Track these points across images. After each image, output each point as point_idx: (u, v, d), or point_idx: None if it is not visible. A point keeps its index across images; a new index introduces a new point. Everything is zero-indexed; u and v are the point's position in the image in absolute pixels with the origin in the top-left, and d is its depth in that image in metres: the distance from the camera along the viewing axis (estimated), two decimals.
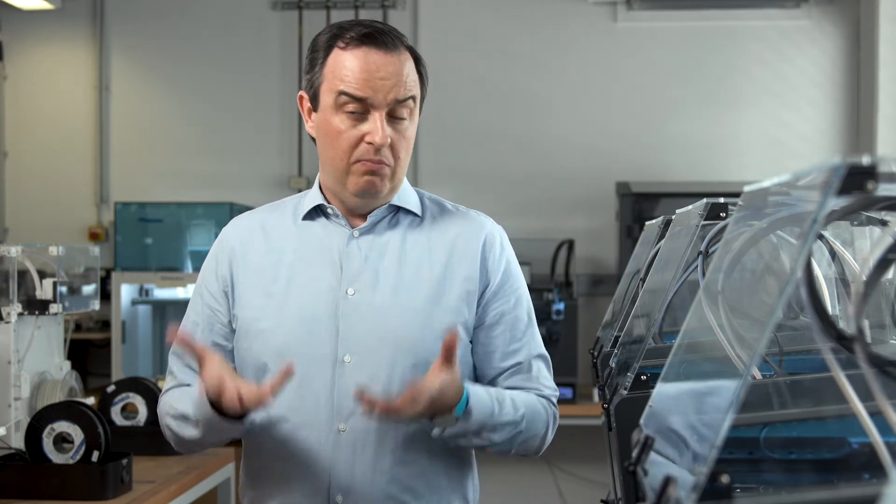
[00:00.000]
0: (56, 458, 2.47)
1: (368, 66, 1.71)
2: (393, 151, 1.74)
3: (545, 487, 5.09)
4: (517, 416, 1.75)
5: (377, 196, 1.78)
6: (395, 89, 1.71)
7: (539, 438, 1.82)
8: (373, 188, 1.75)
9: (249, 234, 1.86)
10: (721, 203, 1.50)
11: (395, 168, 1.76)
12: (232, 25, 5.45)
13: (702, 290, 1.20)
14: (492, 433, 1.72)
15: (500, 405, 1.73)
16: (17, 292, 2.70)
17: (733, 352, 0.99)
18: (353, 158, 1.73)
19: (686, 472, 0.86)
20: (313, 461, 1.75)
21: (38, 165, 5.54)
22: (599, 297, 5.16)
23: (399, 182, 1.80)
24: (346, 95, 1.71)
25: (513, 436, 1.76)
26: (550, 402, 1.86)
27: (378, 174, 1.74)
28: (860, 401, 0.84)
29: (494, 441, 1.74)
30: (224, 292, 1.83)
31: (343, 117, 1.73)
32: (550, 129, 5.30)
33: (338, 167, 1.76)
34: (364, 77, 1.71)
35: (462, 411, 1.67)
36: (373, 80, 1.71)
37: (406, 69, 1.74)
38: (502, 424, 1.73)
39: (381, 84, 1.71)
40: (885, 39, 4.84)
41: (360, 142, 1.72)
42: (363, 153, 1.72)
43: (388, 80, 1.71)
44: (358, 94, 1.71)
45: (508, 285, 1.84)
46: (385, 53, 1.72)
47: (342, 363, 1.74)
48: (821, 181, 0.80)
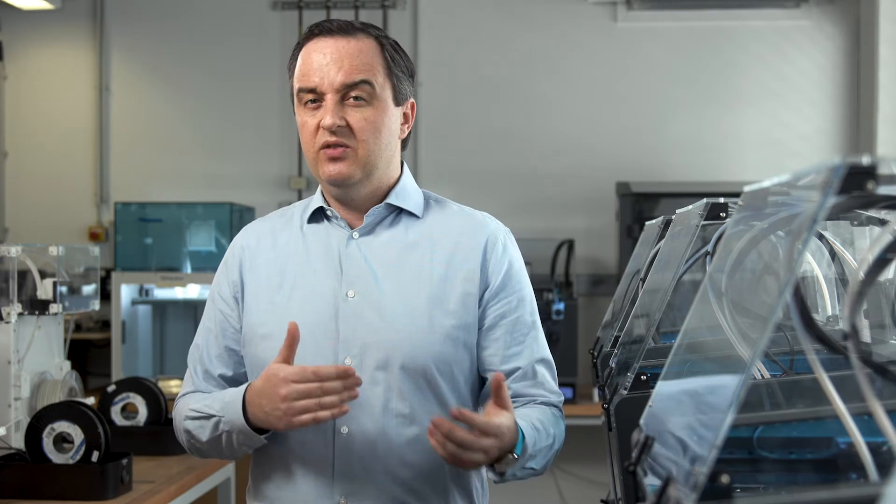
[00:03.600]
0: (56, 458, 2.47)
1: (316, 55, 1.75)
2: (355, 133, 1.74)
3: (545, 487, 5.09)
4: (550, 438, 1.75)
5: (348, 182, 1.77)
6: (342, 72, 1.73)
7: (557, 451, 1.82)
8: (339, 174, 1.75)
9: (259, 240, 1.88)
10: (721, 203, 1.50)
11: (360, 150, 1.75)
12: (232, 25, 5.45)
13: (708, 289, 1.20)
14: (533, 461, 1.72)
15: (537, 431, 1.72)
16: (17, 292, 2.70)
17: (741, 351, 0.99)
18: (315, 147, 1.76)
19: (686, 472, 0.86)
20: (316, 463, 1.75)
21: (38, 165, 5.54)
22: (599, 297, 5.16)
23: (375, 168, 1.78)
24: (301, 91, 1.76)
25: (548, 459, 1.76)
26: (560, 410, 1.86)
27: (340, 159, 1.75)
28: (849, 401, 0.85)
29: (534, 468, 1.73)
30: (235, 298, 1.85)
31: (305, 110, 1.77)
32: (550, 129, 5.30)
33: (310, 160, 1.80)
34: (312, 66, 1.75)
35: (520, 450, 1.64)
36: (319, 67, 1.74)
37: (359, 52, 1.75)
38: (539, 450, 1.72)
39: (326, 69, 1.74)
40: (885, 39, 4.84)
41: (318, 129, 1.75)
42: (321, 139, 1.75)
43: (334, 63, 1.74)
44: (309, 85, 1.74)
45: (510, 287, 1.82)
46: (333, 39, 1.76)
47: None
48: (821, 181, 0.80)
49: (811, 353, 0.87)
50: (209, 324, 1.87)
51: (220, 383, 1.85)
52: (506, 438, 1.60)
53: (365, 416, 1.73)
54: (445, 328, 1.76)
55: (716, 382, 1.00)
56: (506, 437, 1.60)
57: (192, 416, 1.79)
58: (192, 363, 1.88)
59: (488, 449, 1.57)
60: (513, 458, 1.64)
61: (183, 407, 1.83)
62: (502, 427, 1.59)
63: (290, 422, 1.61)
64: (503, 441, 1.59)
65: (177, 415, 1.86)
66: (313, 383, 1.59)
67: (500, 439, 1.58)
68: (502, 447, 1.60)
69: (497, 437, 1.58)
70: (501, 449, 1.60)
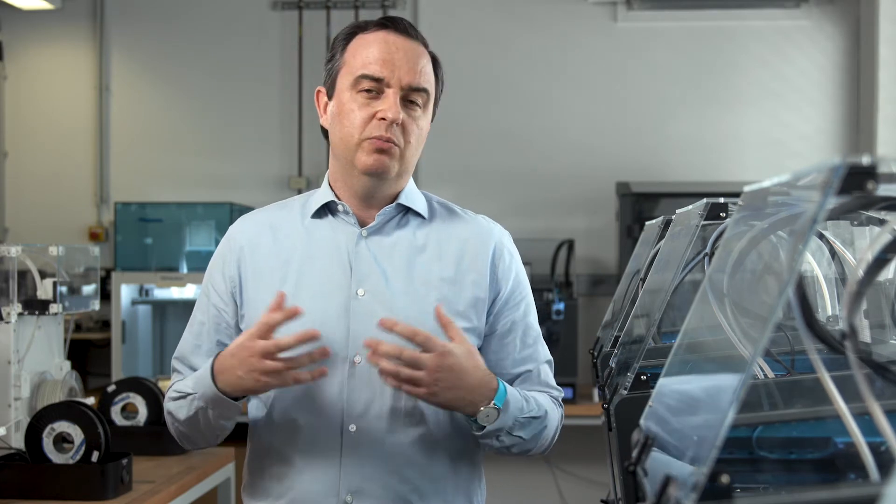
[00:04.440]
0: (56, 458, 2.47)
1: (388, 47, 1.75)
2: (404, 134, 1.76)
3: (545, 487, 5.09)
4: (541, 411, 1.78)
5: (385, 176, 1.78)
6: (412, 73, 1.75)
7: (552, 436, 1.85)
8: (381, 167, 1.76)
9: (257, 233, 1.86)
10: (721, 203, 1.50)
11: (405, 151, 1.77)
12: (232, 25, 5.45)
13: (707, 289, 1.20)
14: (522, 430, 1.74)
15: (526, 400, 1.76)
16: (17, 292, 2.70)
17: (742, 350, 0.99)
18: (364, 135, 1.75)
19: (686, 472, 0.86)
20: (323, 460, 1.75)
21: (38, 165, 5.54)
22: (599, 297, 5.16)
23: (406, 171, 1.82)
24: (364, 77, 1.74)
25: (538, 432, 1.78)
26: (559, 402, 1.89)
27: (387, 153, 1.75)
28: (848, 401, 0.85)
29: (523, 438, 1.76)
30: (231, 293, 1.84)
31: (358, 96, 1.76)
32: (551, 129, 5.30)
33: (349, 145, 1.77)
34: (383, 57, 1.74)
35: (502, 402, 1.68)
36: (391, 60, 1.74)
37: (423, 60, 1.79)
38: (529, 420, 1.75)
39: (398, 64, 1.74)
40: (885, 39, 4.84)
41: (373, 118, 1.74)
42: (374, 129, 1.74)
43: (406, 62, 1.75)
44: (376, 74, 1.74)
45: (518, 293, 1.86)
46: (405, 38, 1.77)
47: (352, 364, 1.75)
48: (821, 181, 0.80)
49: (813, 353, 0.87)
50: (202, 317, 1.86)
51: None
52: (462, 363, 1.64)
53: (374, 415, 1.74)
54: None
55: (716, 382, 1.00)
56: (462, 362, 1.64)
57: (172, 398, 1.81)
58: (179, 357, 1.87)
59: (436, 367, 1.61)
60: (494, 410, 1.67)
61: (167, 397, 1.84)
62: (450, 348, 1.63)
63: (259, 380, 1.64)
64: (459, 364, 1.63)
65: (165, 409, 1.86)
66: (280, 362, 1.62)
67: (453, 359, 1.62)
68: (461, 377, 1.63)
69: (448, 356, 1.62)
70: (461, 380, 1.63)
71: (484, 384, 1.68)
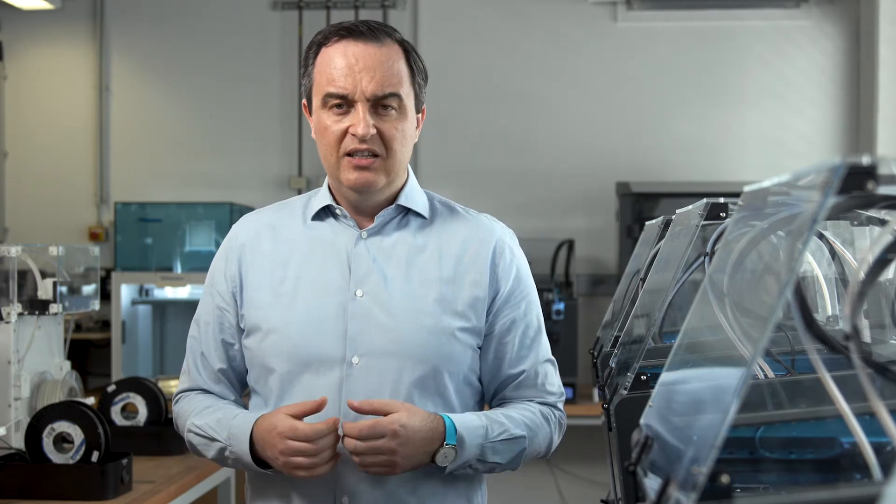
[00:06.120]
0: (56, 458, 2.47)
1: (348, 60, 1.72)
2: (384, 140, 1.74)
3: (545, 487, 5.09)
4: (519, 430, 1.77)
5: (372, 190, 1.77)
6: (375, 82, 1.72)
7: (545, 448, 1.84)
8: (365, 183, 1.75)
9: (258, 233, 1.86)
10: (721, 203, 1.50)
11: (388, 159, 1.75)
12: (232, 25, 5.45)
13: (708, 290, 1.20)
14: (495, 455, 1.74)
15: (490, 422, 1.75)
16: (17, 292, 2.70)
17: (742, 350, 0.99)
18: (340, 152, 1.74)
19: (686, 472, 0.86)
20: None
21: (38, 165, 5.54)
22: (599, 297, 5.16)
23: (397, 175, 1.80)
24: (330, 96, 1.73)
25: (517, 453, 1.78)
26: (555, 408, 1.87)
27: (368, 168, 1.74)
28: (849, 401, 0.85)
29: (499, 462, 1.76)
30: (232, 292, 1.84)
31: (329, 113, 1.74)
32: (550, 129, 5.30)
33: (330, 163, 1.77)
34: (344, 72, 1.72)
35: (454, 439, 1.69)
36: (352, 74, 1.72)
37: (388, 62, 1.74)
38: (503, 442, 1.74)
39: (360, 76, 1.71)
40: (885, 39, 4.84)
41: (346, 134, 1.73)
42: (349, 145, 1.73)
43: (368, 71, 1.72)
44: (339, 91, 1.72)
45: (519, 291, 1.85)
46: (365, 44, 1.73)
47: (350, 364, 1.74)
48: (821, 181, 0.80)
49: (813, 353, 0.87)
50: (206, 317, 1.87)
51: (218, 378, 1.85)
52: (413, 424, 1.65)
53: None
54: (453, 330, 1.77)
55: (716, 382, 1.00)
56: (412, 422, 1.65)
57: (195, 433, 1.80)
58: (190, 356, 1.88)
59: (379, 449, 1.64)
60: (451, 450, 1.68)
61: (186, 412, 1.84)
62: (400, 421, 1.64)
63: (290, 472, 1.68)
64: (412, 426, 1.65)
65: (178, 417, 1.86)
66: (306, 443, 1.64)
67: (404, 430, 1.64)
68: (414, 439, 1.65)
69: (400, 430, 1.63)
70: (415, 441, 1.65)
71: (431, 429, 1.68)
